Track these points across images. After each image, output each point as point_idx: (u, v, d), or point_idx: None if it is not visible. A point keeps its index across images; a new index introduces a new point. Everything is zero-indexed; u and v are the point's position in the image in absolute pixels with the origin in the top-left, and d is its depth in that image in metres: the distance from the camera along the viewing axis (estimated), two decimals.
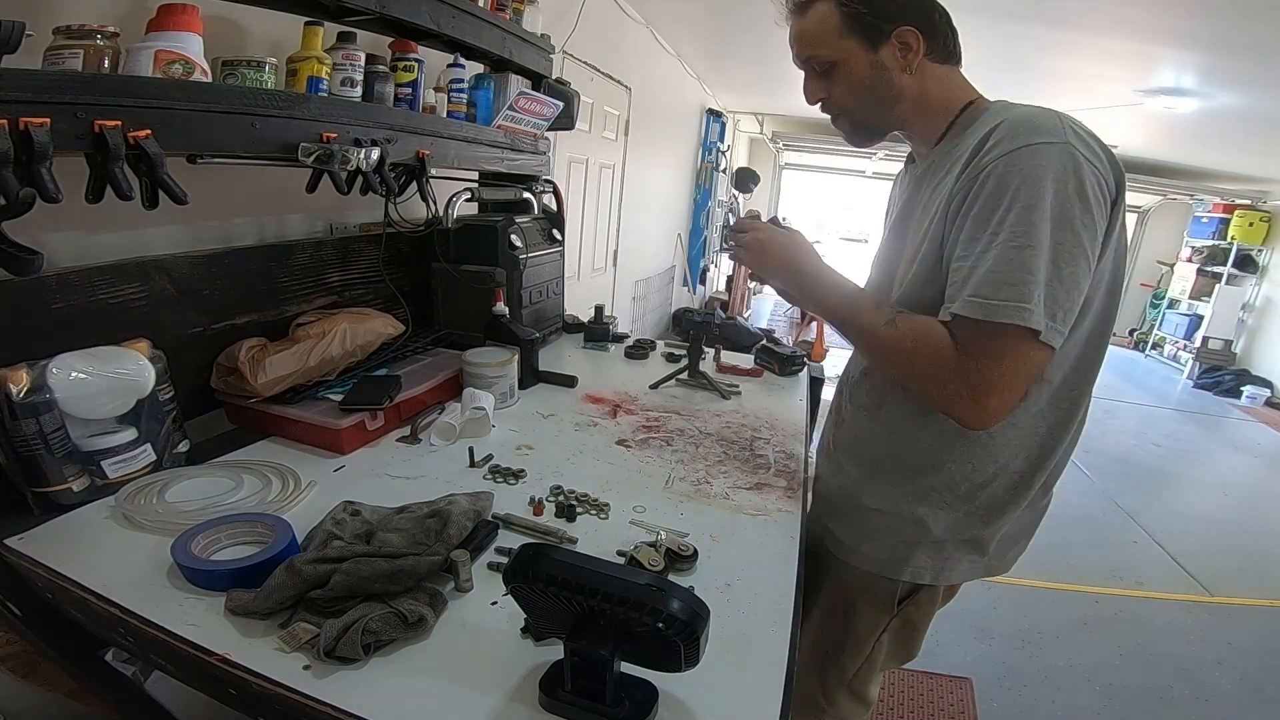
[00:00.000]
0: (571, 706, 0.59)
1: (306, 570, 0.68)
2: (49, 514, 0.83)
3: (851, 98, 0.88)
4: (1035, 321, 0.69)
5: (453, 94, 1.45)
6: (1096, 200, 0.71)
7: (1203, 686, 2.15)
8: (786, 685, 0.65)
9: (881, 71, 0.85)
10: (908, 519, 0.92)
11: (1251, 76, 3.12)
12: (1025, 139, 0.72)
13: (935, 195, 0.83)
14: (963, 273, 0.74)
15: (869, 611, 0.99)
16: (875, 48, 0.84)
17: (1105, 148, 0.74)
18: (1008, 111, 0.78)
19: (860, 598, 0.99)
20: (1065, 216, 0.70)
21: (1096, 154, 0.72)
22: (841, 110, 0.91)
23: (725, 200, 7.37)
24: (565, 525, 0.90)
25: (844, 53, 0.85)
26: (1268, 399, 6.39)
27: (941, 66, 0.87)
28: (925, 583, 0.95)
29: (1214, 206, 7.04)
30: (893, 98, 0.87)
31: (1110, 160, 0.74)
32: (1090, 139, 0.73)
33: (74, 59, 0.77)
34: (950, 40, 0.87)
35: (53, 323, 0.88)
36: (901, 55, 0.84)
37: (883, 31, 0.83)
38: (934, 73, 0.86)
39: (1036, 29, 2.85)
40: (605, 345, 1.80)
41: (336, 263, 1.37)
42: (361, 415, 1.08)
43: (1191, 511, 3.70)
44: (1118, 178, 0.74)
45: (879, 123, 0.91)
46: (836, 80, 0.88)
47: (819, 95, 0.91)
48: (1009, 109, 0.79)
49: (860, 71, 0.86)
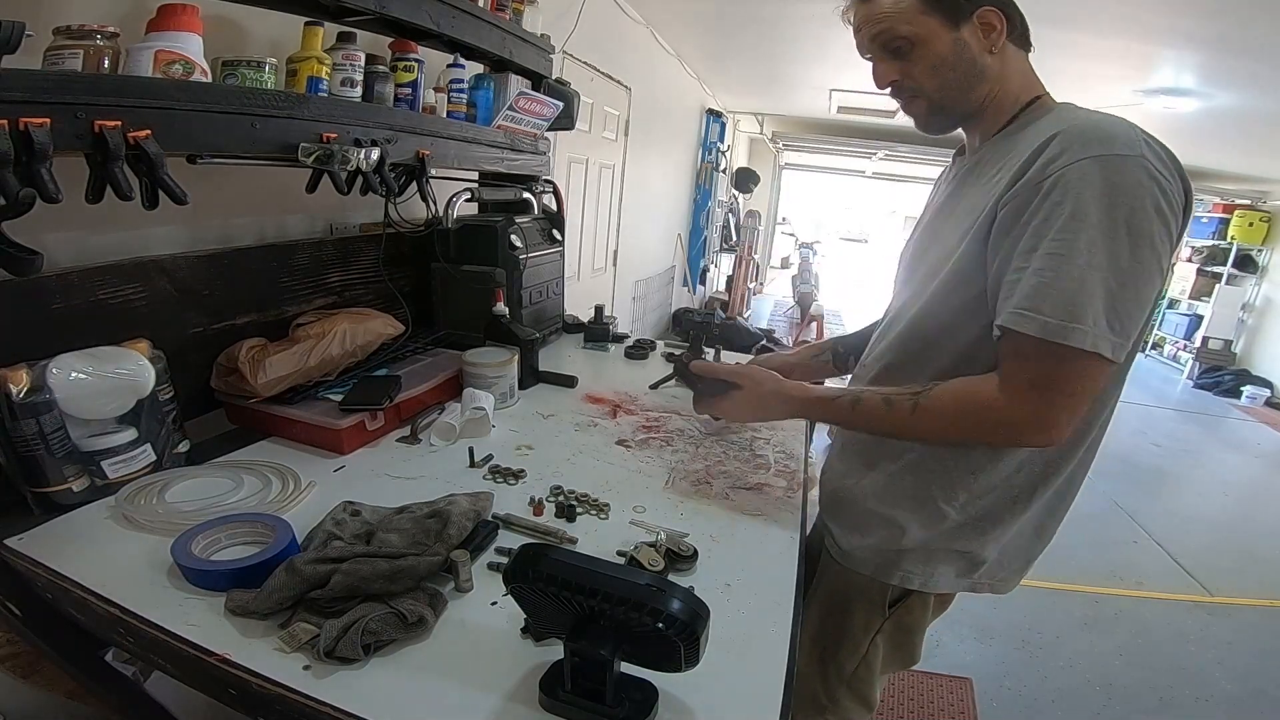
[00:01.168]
0: (571, 706, 0.59)
1: (306, 570, 0.68)
2: (49, 514, 0.83)
3: (932, 77, 0.84)
4: (1100, 346, 0.67)
5: (453, 94, 1.45)
6: (1166, 219, 0.68)
7: (1203, 686, 2.15)
8: (786, 685, 0.65)
9: (964, 49, 0.82)
10: (900, 523, 0.90)
11: (1251, 76, 3.12)
12: (1098, 149, 0.68)
13: (984, 194, 0.79)
14: (1020, 286, 0.70)
15: (863, 612, 0.98)
16: (958, 25, 0.81)
17: (1175, 160, 0.71)
18: (1075, 115, 0.75)
19: (855, 597, 0.99)
20: (1141, 234, 0.67)
21: (1170, 168, 0.69)
22: (919, 91, 0.87)
23: (725, 200, 7.38)
24: (565, 525, 0.90)
25: (925, 29, 0.82)
26: (1267, 399, 6.39)
27: (1020, 51, 0.85)
28: (913, 588, 0.94)
29: (1214, 206, 7.04)
30: (976, 76, 0.83)
31: (1180, 174, 0.71)
32: (1163, 151, 0.70)
33: (74, 59, 0.77)
34: (1025, 27, 0.85)
35: (53, 323, 0.88)
36: (984, 35, 0.82)
37: (965, 10, 0.81)
38: (1014, 57, 0.85)
39: (1036, 29, 2.83)
40: (605, 345, 1.80)
41: (336, 263, 1.37)
42: (361, 415, 1.08)
43: (1191, 511, 3.70)
44: (1187, 192, 0.71)
45: (959, 104, 0.86)
46: (915, 60, 0.84)
47: (892, 77, 0.87)
48: (1075, 113, 0.77)
49: (943, 49, 0.82)
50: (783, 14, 3.02)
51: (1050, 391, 0.71)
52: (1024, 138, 0.77)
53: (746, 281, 7.64)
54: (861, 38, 0.88)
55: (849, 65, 4.10)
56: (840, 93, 4.83)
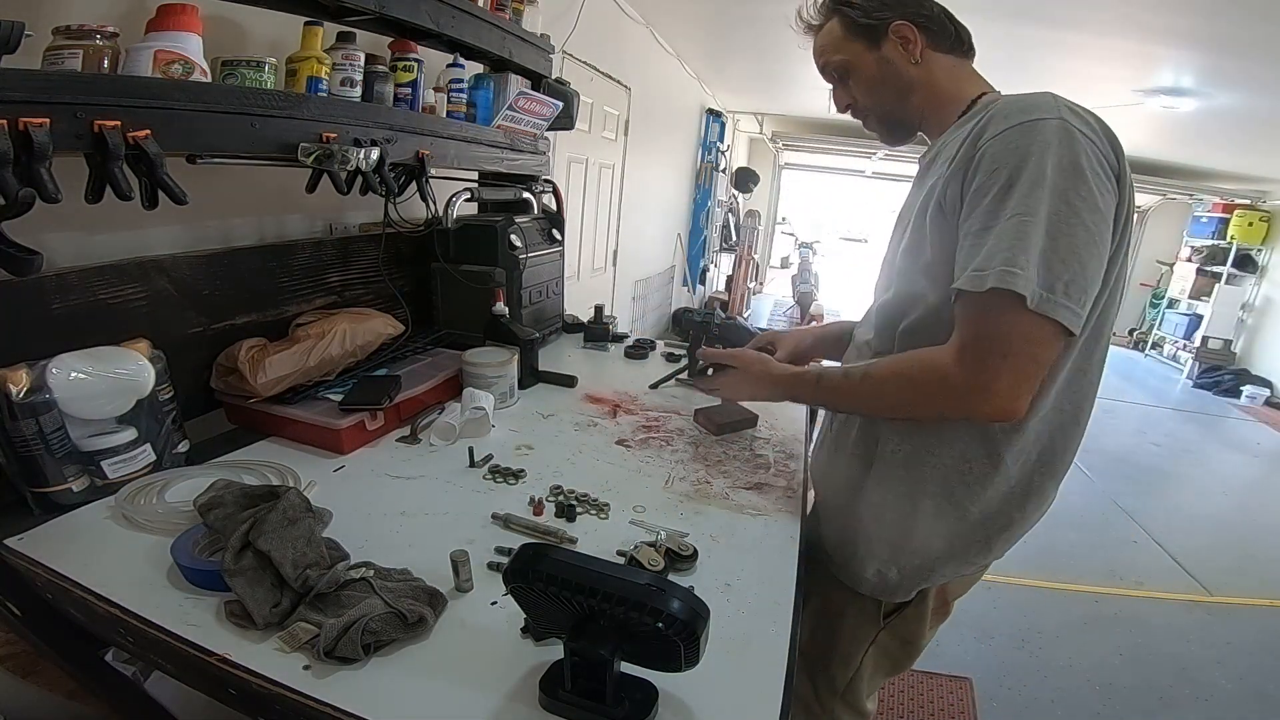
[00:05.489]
0: (571, 706, 0.59)
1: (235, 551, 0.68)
2: (49, 514, 0.83)
3: (870, 96, 0.94)
4: (1022, 286, 0.66)
5: (452, 94, 1.45)
6: (1096, 174, 0.69)
7: (1202, 686, 2.15)
8: (786, 685, 0.65)
9: (889, 66, 0.90)
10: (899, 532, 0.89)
11: (1251, 76, 3.12)
12: (1019, 118, 0.72)
13: (934, 178, 0.82)
14: (962, 257, 0.72)
15: (855, 624, 0.98)
16: (878, 45, 0.90)
17: (1105, 126, 0.73)
18: (1005, 98, 0.79)
19: (848, 609, 0.98)
20: (1058, 188, 0.68)
21: (1094, 129, 0.71)
22: (867, 110, 0.96)
23: (725, 200, 7.37)
24: (565, 525, 0.90)
25: (853, 54, 0.92)
26: (1267, 399, 6.39)
27: (947, 57, 0.90)
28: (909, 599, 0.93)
29: (1213, 206, 7.03)
30: (905, 88, 0.91)
31: (1109, 137, 0.72)
32: (1088, 115, 0.72)
33: (73, 59, 0.77)
34: (952, 30, 0.90)
35: (53, 323, 0.88)
36: (903, 49, 0.89)
37: (879, 29, 0.89)
38: (940, 63, 0.90)
39: (1036, 29, 2.85)
40: (605, 345, 1.80)
41: (336, 263, 1.37)
42: (361, 415, 1.08)
43: (1191, 511, 3.70)
44: (1118, 154, 0.72)
45: (902, 116, 0.94)
46: (855, 83, 0.94)
47: (846, 101, 0.97)
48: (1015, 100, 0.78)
49: (870, 69, 0.92)
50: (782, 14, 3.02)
51: (988, 349, 0.70)
52: (963, 129, 0.81)
53: (746, 281, 7.63)
54: (817, 68, 0.99)
55: None
56: None
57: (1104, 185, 0.69)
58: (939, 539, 0.87)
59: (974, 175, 0.73)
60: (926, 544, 0.88)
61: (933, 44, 0.89)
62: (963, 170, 0.75)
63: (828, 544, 0.99)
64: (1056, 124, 0.70)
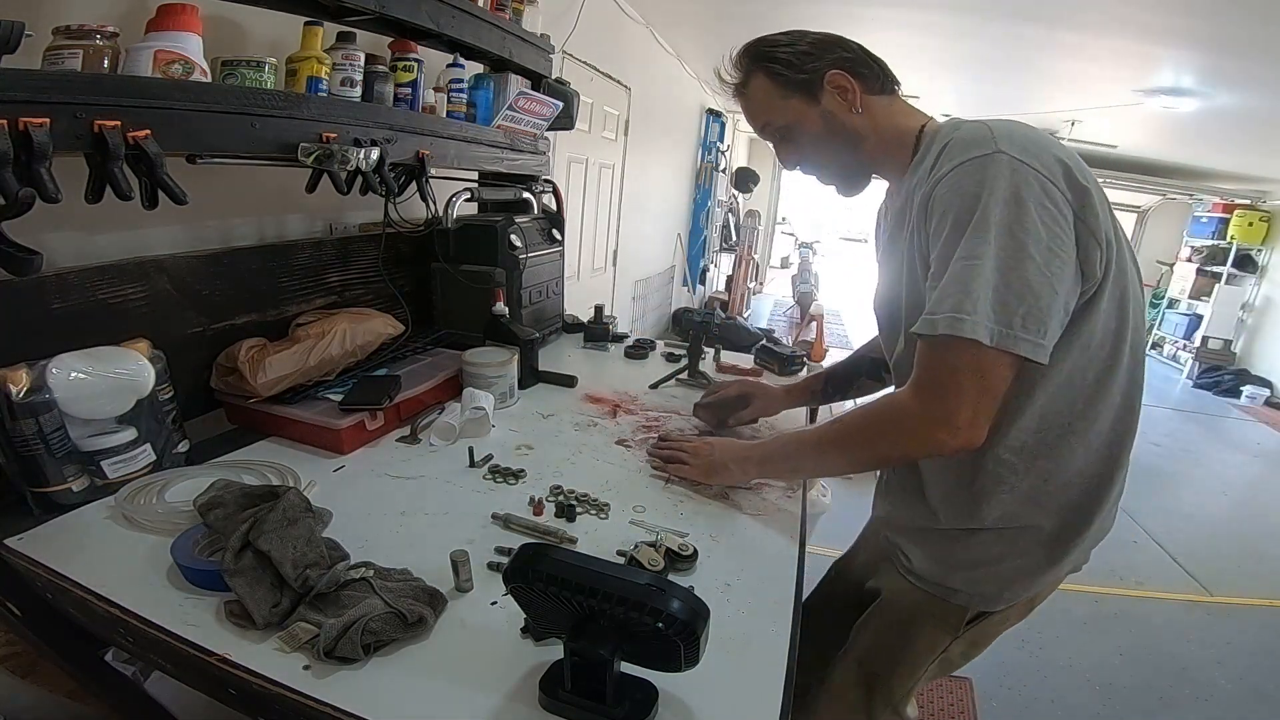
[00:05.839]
0: (571, 706, 0.59)
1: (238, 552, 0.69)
2: (49, 514, 0.83)
3: (819, 152, 0.92)
4: (969, 330, 0.68)
5: (452, 94, 1.45)
6: (1040, 203, 0.69)
7: (1202, 686, 2.15)
8: (786, 685, 0.65)
9: (832, 119, 0.88)
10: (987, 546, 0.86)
11: (1251, 76, 3.11)
12: (958, 158, 0.73)
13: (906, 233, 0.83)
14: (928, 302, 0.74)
15: (931, 632, 0.94)
16: (816, 99, 0.88)
17: (1046, 146, 0.73)
18: (951, 134, 0.78)
19: (923, 617, 0.94)
20: (1003, 224, 0.69)
21: (1033, 154, 0.71)
22: (818, 166, 0.94)
23: (725, 200, 7.37)
24: (565, 525, 0.90)
25: (793, 113, 0.90)
26: (1267, 399, 6.39)
27: (881, 98, 0.89)
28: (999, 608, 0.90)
29: (1213, 206, 7.03)
30: (854, 139, 0.89)
31: (1056, 157, 0.72)
32: (1029, 143, 0.72)
33: (73, 59, 0.77)
34: (878, 71, 0.89)
35: (53, 323, 0.88)
36: (842, 98, 0.87)
37: (814, 83, 0.87)
38: (878, 105, 0.88)
39: (1037, 29, 2.85)
40: (605, 345, 1.80)
41: (336, 263, 1.37)
42: (361, 415, 1.08)
43: (1191, 511, 3.70)
44: (1069, 171, 0.71)
45: (854, 167, 0.92)
46: (800, 142, 0.92)
47: (793, 160, 0.95)
48: (952, 131, 0.79)
49: (815, 126, 0.89)
50: (782, 14, 3.02)
51: (944, 386, 0.73)
52: (919, 171, 0.81)
53: (746, 281, 7.63)
54: (754, 129, 0.96)
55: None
56: None
57: (1049, 212, 0.70)
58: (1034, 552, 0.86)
59: (931, 220, 0.75)
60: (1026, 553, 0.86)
61: (866, 88, 0.87)
62: (920, 221, 0.77)
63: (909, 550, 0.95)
64: (994, 159, 0.70)
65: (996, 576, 0.88)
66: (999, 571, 0.88)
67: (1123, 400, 0.82)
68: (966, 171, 0.71)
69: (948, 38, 3.17)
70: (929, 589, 0.92)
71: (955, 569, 0.90)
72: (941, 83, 4.27)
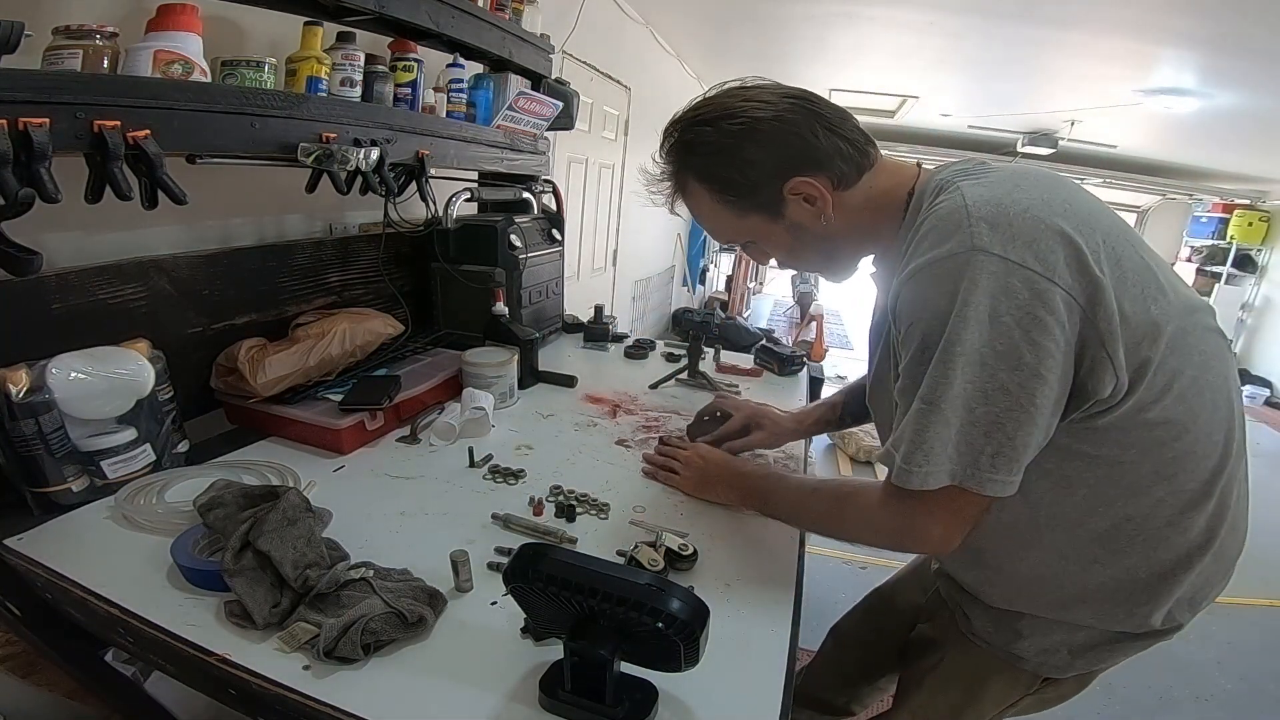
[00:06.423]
0: (571, 706, 0.59)
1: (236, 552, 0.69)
2: (48, 514, 0.83)
3: (794, 258, 0.83)
4: (922, 483, 0.63)
5: (452, 94, 1.45)
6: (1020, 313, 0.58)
7: (1203, 686, 2.15)
8: (786, 685, 0.65)
9: (801, 230, 0.77)
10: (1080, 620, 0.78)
11: (1251, 76, 3.12)
12: (928, 251, 0.62)
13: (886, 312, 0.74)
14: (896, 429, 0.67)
15: (1001, 690, 0.86)
16: (779, 214, 0.76)
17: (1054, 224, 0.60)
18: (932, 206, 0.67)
19: (993, 675, 0.86)
20: (972, 352, 0.59)
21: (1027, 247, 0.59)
22: (799, 265, 0.86)
23: None
24: (565, 525, 0.90)
25: (756, 229, 0.79)
26: (1267, 399, 6.40)
27: (857, 189, 0.75)
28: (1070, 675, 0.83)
29: (1213, 206, 7.03)
30: (828, 243, 0.78)
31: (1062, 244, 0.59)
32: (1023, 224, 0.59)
33: (73, 59, 0.77)
34: (849, 150, 0.74)
35: (52, 323, 0.88)
36: (810, 206, 0.75)
37: (774, 197, 0.75)
38: (857, 197, 0.75)
39: (1036, 29, 2.85)
40: (605, 345, 1.81)
41: (336, 263, 1.37)
42: (361, 415, 1.08)
43: None
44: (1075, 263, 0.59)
45: (838, 262, 0.83)
46: (769, 251, 0.83)
47: (769, 260, 0.86)
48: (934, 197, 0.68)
49: (782, 240, 0.79)
50: (782, 13, 3.03)
51: (912, 511, 0.68)
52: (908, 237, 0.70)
53: (746, 281, 7.63)
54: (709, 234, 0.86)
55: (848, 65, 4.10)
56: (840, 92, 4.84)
57: (1030, 321, 0.58)
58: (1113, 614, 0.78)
59: (899, 326, 0.67)
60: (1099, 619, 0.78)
61: (839, 183, 0.74)
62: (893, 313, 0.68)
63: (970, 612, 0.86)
64: (970, 261, 0.59)
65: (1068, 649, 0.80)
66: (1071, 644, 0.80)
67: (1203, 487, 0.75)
68: (936, 278, 0.61)
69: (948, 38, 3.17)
70: (996, 652, 0.84)
71: (1020, 638, 0.81)
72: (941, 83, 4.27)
